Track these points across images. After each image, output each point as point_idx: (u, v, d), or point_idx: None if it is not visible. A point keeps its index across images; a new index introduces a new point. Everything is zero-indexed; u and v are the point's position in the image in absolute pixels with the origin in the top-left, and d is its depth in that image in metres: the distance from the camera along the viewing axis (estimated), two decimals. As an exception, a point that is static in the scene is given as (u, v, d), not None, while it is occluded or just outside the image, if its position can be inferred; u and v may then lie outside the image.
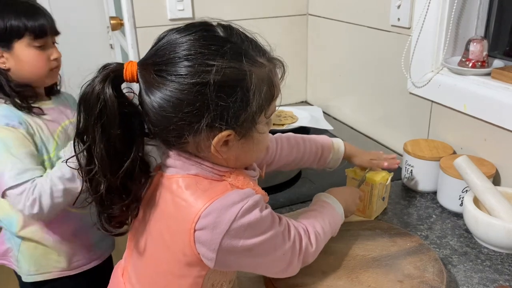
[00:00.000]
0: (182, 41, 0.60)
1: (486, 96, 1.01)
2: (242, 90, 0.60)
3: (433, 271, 0.77)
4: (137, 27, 1.49)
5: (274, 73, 0.66)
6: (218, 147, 0.62)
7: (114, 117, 0.61)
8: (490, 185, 0.91)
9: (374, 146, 1.41)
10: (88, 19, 2.51)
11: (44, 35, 1.01)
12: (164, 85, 0.59)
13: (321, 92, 1.74)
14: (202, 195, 0.62)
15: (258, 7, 1.62)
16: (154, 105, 0.60)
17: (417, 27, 1.16)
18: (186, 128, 0.60)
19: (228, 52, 0.59)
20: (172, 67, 0.59)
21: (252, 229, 0.62)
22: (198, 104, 0.58)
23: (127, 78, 0.62)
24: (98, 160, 0.62)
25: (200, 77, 0.58)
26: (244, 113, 0.61)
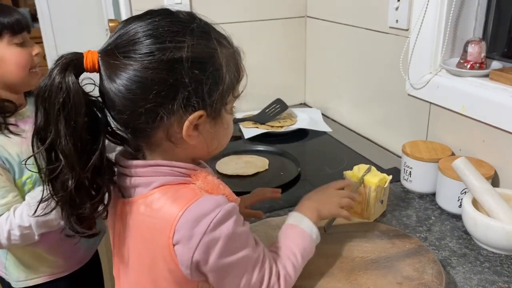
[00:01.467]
0: (146, 23, 0.58)
1: (484, 98, 1.01)
2: (213, 66, 0.59)
3: (432, 273, 0.77)
4: (136, 29, 1.49)
5: (238, 55, 0.66)
6: (190, 131, 0.60)
7: (79, 105, 0.57)
8: (488, 187, 0.91)
9: (373, 148, 1.41)
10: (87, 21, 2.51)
11: (22, 30, 0.98)
12: (131, 65, 0.56)
13: (320, 94, 1.74)
14: (171, 207, 0.59)
15: (257, 9, 1.62)
16: (120, 89, 0.57)
17: (415, 29, 1.17)
18: (158, 109, 0.57)
19: (195, 30, 0.59)
20: (139, 45, 0.56)
21: (223, 243, 0.58)
22: (171, 81, 0.56)
23: (88, 67, 0.59)
24: (65, 155, 0.58)
25: (171, 54, 0.56)
26: (217, 90, 0.60)
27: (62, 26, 2.50)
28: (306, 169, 1.25)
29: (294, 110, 1.66)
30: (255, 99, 1.70)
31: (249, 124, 1.55)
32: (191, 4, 1.52)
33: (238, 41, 1.84)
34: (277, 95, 1.63)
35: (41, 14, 2.49)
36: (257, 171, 1.22)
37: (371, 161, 1.27)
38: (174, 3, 1.48)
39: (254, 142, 1.43)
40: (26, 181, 1.00)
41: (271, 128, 1.52)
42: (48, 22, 2.48)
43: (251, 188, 1.14)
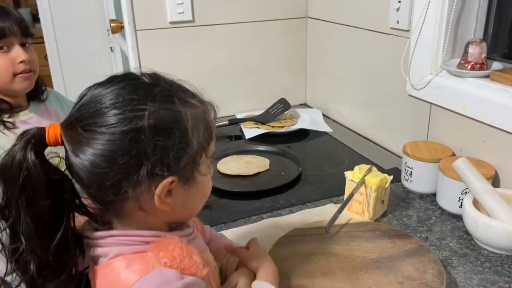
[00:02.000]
0: (107, 92, 0.56)
1: (485, 98, 1.01)
2: (179, 131, 0.56)
3: (433, 273, 0.77)
4: (138, 30, 1.49)
5: (208, 113, 0.62)
6: (163, 197, 0.56)
7: (40, 187, 0.55)
8: (489, 187, 0.91)
9: (373, 148, 1.41)
10: (88, 22, 2.52)
11: (1, 37, 0.95)
12: (93, 139, 0.54)
13: (321, 94, 1.75)
14: (122, 280, 0.55)
15: (257, 10, 1.63)
16: (85, 164, 0.54)
17: (416, 30, 1.17)
18: (123, 181, 0.54)
19: (158, 95, 0.56)
20: (100, 118, 0.54)
21: None
22: (134, 152, 0.53)
23: (51, 142, 0.56)
24: (26, 237, 0.55)
25: (132, 123, 0.53)
26: (185, 155, 0.57)
27: (63, 26, 2.51)
28: (307, 169, 1.25)
29: (296, 110, 1.66)
30: (256, 99, 1.71)
31: (250, 124, 1.55)
32: (192, 6, 1.52)
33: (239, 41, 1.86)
34: (278, 95, 1.63)
35: (43, 14, 2.49)
36: (258, 171, 1.23)
37: (372, 161, 1.27)
38: (176, 3, 1.49)
39: (255, 142, 1.44)
40: None
41: (272, 128, 1.52)
42: (49, 22, 2.48)
43: (252, 188, 1.15)
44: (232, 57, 1.65)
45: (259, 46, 1.68)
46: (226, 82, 1.66)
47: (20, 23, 0.98)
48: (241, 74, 1.68)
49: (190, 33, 1.56)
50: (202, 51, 1.59)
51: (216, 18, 1.58)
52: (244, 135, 1.50)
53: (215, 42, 1.60)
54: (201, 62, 1.60)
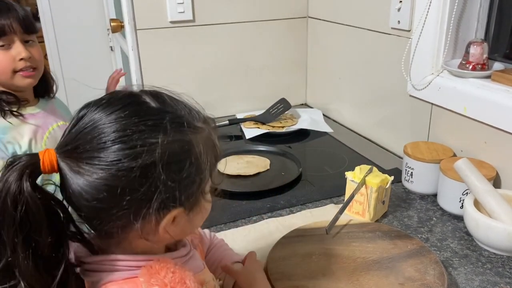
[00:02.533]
0: (110, 120, 0.51)
1: (486, 99, 1.01)
2: (191, 162, 0.53)
3: (434, 274, 0.77)
4: (138, 29, 1.49)
5: (213, 134, 0.58)
6: (167, 228, 0.54)
7: (41, 222, 0.50)
8: (490, 188, 0.91)
9: (374, 148, 1.41)
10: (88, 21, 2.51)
11: (1, 34, 0.95)
12: (96, 173, 0.49)
13: (321, 94, 1.75)
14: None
15: (258, 9, 1.62)
16: (86, 198, 0.50)
17: (417, 30, 1.17)
18: (130, 216, 0.51)
19: (169, 125, 0.52)
20: (103, 152, 0.49)
21: None
22: (144, 189, 0.50)
23: (46, 170, 0.51)
24: (24, 277, 0.50)
25: (143, 159, 0.49)
26: (195, 184, 0.54)
27: (63, 25, 2.50)
28: (307, 169, 1.25)
29: (296, 110, 1.66)
30: (256, 99, 1.71)
31: (250, 124, 1.55)
32: (193, 6, 1.52)
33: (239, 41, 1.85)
34: (278, 95, 1.63)
35: (43, 13, 2.49)
36: (258, 171, 1.22)
37: (372, 161, 1.27)
38: (176, 2, 1.48)
39: (255, 142, 1.43)
40: None
41: (272, 128, 1.52)
42: (49, 21, 2.48)
43: (252, 188, 1.14)
44: (233, 56, 1.65)
45: (259, 46, 1.68)
46: (226, 82, 1.66)
47: (23, 20, 0.98)
48: (241, 74, 1.68)
49: (191, 32, 1.55)
50: (202, 50, 1.59)
51: (216, 18, 1.58)
52: (244, 135, 1.49)
53: (216, 42, 1.60)
54: (202, 62, 1.60)
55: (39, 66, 1.04)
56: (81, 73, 2.47)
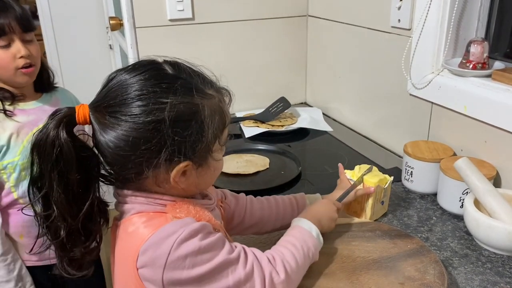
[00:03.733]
0: (133, 82, 0.61)
1: (486, 98, 1.01)
2: (196, 122, 0.62)
3: (434, 273, 0.77)
4: (137, 27, 1.48)
5: (223, 102, 0.68)
6: (177, 179, 0.63)
7: (71, 162, 0.61)
8: (490, 187, 0.91)
9: (374, 148, 1.41)
10: (87, 19, 2.51)
11: (1, 34, 0.98)
12: (119, 125, 0.60)
13: (321, 93, 1.74)
14: (140, 232, 0.62)
15: (258, 8, 1.62)
16: (110, 145, 0.61)
17: (417, 29, 1.16)
18: (144, 164, 0.61)
19: (179, 89, 0.61)
20: (125, 107, 0.60)
21: (193, 258, 0.59)
22: (155, 141, 0.59)
23: (80, 121, 0.63)
24: (57, 206, 0.62)
25: (155, 115, 0.59)
26: (200, 144, 0.63)
27: (62, 23, 2.49)
28: (306, 169, 1.24)
29: (296, 109, 1.65)
30: (255, 97, 1.70)
31: (249, 123, 1.55)
32: (192, 4, 1.51)
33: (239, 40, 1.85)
34: (278, 94, 1.63)
35: (41, 11, 2.48)
36: (258, 170, 1.22)
37: (372, 161, 1.27)
38: (176, 0, 1.48)
39: (255, 141, 1.43)
40: (7, 165, 1.04)
41: (271, 127, 1.51)
42: (48, 19, 2.47)
43: (252, 187, 1.14)
44: (232, 55, 1.64)
45: (259, 45, 1.67)
46: (226, 80, 1.65)
47: (21, 18, 1.00)
48: (241, 72, 1.67)
49: (190, 31, 1.55)
50: (202, 49, 1.58)
51: (216, 16, 1.57)
52: (243, 133, 1.49)
53: (215, 40, 1.60)
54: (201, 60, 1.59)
55: (37, 63, 1.06)
56: (80, 71, 2.47)
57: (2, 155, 1.03)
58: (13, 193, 1.06)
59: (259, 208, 0.87)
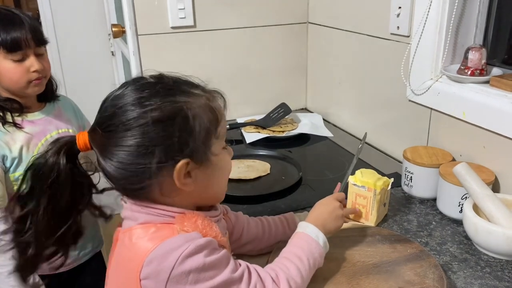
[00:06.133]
0: (119, 95, 0.64)
1: (485, 104, 1.02)
2: (182, 119, 0.63)
3: (433, 278, 0.78)
4: (139, 34, 1.50)
5: (212, 100, 0.68)
6: (182, 180, 0.64)
7: (66, 188, 0.64)
8: (489, 192, 0.92)
9: (374, 153, 1.42)
10: (90, 26, 2.53)
11: (17, 49, 0.99)
12: (115, 138, 0.62)
13: (321, 99, 1.75)
14: (145, 243, 0.62)
15: (258, 15, 1.64)
16: (113, 163, 0.62)
17: (416, 36, 1.18)
18: (145, 172, 0.62)
19: (160, 91, 0.63)
20: (115, 119, 0.62)
21: (196, 274, 0.59)
22: (146, 143, 0.61)
23: (81, 148, 0.65)
24: (37, 225, 0.64)
25: (142, 118, 0.61)
26: (191, 140, 0.63)
27: (65, 30, 2.51)
28: (307, 174, 1.25)
29: (296, 115, 1.67)
30: (256, 103, 1.71)
31: (250, 128, 1.56)
32: (194, 12, 1.53)
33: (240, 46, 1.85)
34: (279, 100, 1.64)
35: (44, 18, 2.50)
36: (259, 175, 1.23)
37: (372, 166, 1.28)
38: (178, 8, 1.50)
39: (256, 147, 1.44)
40: (19, 177, 1.04)
41: (272, 133, 1.53)
42: (51, 26, 2.49)
43: (253, 192, 1.15)
44: (233, 62, 1.66)
45: (260, 51, 1.69)
46: (227, 86, 1.64)
47: (34, 31, 1.01)
48: (242, 78, 1.69)
49: (192, 38, 1.56)
50: (203, 56, 1.60)
51: (217, 24, 1.59)
52: (244, 139, 1.50)
53: (217, 47, 1.61)
54: (203, 67, 1.61)
55: (47, 75, 1.08)
56: (82, 78, 2.48)
57: (14, 167, 1.03)
58: None
59: (255, 226, 0.88)
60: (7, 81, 1.01)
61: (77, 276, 1.21)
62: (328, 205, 0.83)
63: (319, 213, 0.81)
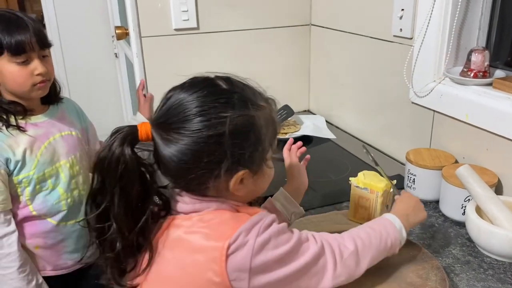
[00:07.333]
0: (192, 99, 0.65)
1: (488, 106, 1.02)
2: (254, 133, 0.66)
3: (435, 280, 0.78)
4: (142, 36, 1.50)
5: (273, 111, 0.72)
6: (236, 186, 0.67)
7: (134, 177, 0.65)
8: (492, 194, 0.92)
9: (377, 155, 1.41)
10: (93, 28, 2.54)
11: (21, 52, 0.99)
12: (182, 140, 0.64)
13: (324, 101, 1.76)
14: (228, 224, 0.66)
15: (261, 17, 1.64)
16: (174, 159, 0.65)
17: (419, 38, 1.18)
18: (206, 175, 0.65)
19: (236, 103, 0.66)
20: (188, 123, 0.64)
21: (275, 239, 0.64)
22: (217, 153, 0.64)
23: (142, 138, 0.67)
24: (116, 219, 0.66)
25: (216, 129, 0.63)
26: (257, 153, 0.67)
27: (68, 32, 2.53)
28: (310, 176, 1.25)
29: (299, 117, 1.67)
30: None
31: (253, 130, 1.56)
32: (197, 14, 1.53)
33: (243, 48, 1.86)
34: (281, 101, 1.63)
35: (48, 20, 2.51)
36: (261, 177, 1.23)
37: (375, 168, 1.27)
38: (181, 10, 1.50)
39: (259, 149, 1.44)
40: (22, 180, 1.05)
41: (275, 135, 1.53)
42: (55, 28, 2.50)
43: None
44: (236, 64, 1.66)
45: (263, 53, 1.69)
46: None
47: (38, 34, 1.01)
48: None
49: (195, 40, 1.57)
50: (206, 58, 1.60)
51: (220, 26, 1.59)
52: (247, 141, 1.50)
53: (220, 49, 1.62)
54: (206, 69, 1.60)
55: (51, 78, 1.08)
56: (85, 79, 2.49)
57: (18, 170, 1.04)
58: (28, 206, 1.08)
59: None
60: (11, 84, 1.01)
61: (81, 278, 1.22)
62: (407, 199, 0.86)
63: (400, 208, 0.84)
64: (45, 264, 1.13)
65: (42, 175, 1.07)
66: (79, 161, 1.15)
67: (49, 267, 1.14)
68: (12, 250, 1.03)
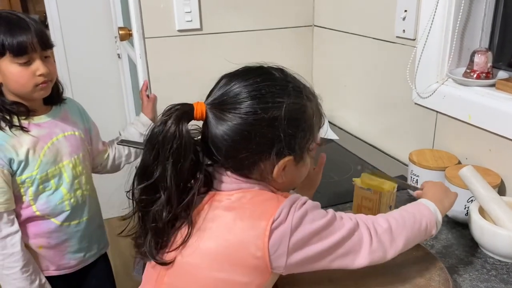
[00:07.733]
0: (248, 83, 0.69)
1: (490, 107, 1.02)
2: (305, 121, 0.70)
3: (439, 280, 0.78)
4: (146, 37, 1.51)
5: (319, 104, 0.76)
6: (279, 173, 0.70)
7: (188, 151, 0.67)
8: (495, 195, 0.92)
9: (380, 156, 1.42)
10: (96, 28, 2.54)
11: (23, 53, 0.99)
12: (236, 120, 0.67)
13: (327, 102, 1.74)
14: (271, 202, 0.69)
15: (264, 18, 1.64)
16: (226, 138, 0.68)
17: (422, 39, 1.18)
18: (256, 156, 0.69)
19: (291, 91, 0.70)
20: (243, 105, 0.67)
21: (311, 213, 0.68)
22: (269, 135, 0.68)
23: (197, 117, 0.69)
24: (167, 191, 0.67)
25: (272, 113, 0.67)
26: (304, 141, 0.71)
27: (71, 32, 2.53)
28: (313, 177, 1.25)
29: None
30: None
31: (256, 131, 1.56)
32: (200, 15, 1.54)
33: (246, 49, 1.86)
34: (284, 102, 1.64)
35: (51, 21, 2.52)
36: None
37: (378, 169, 1.28)
38: (184, 11, 1.51)
39: (262, 149, 1.44)
40: (25, 180, 1.06)
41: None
42: (58, 29, 2.51)
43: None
44: (239, 65, 1.66)
45: (266, 54, 1.69)
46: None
47: (40, 35, 1.02)
48: (247, 81, 1.69)
49: (198, 41, 1.57)
50: (209, 59, 1.61)
51: (223, 27, 1.60)
52: (250, 142, 1.50)
53: (222, 50, 1.62)
54: (209, 70, 1.61)
55: (53, 79, 1.08)
56: (88, 80, 2.49)
57: (21, 170, 1.04)
58: (32, 206, 1.08)
59: None
60: (13, 85, 1.02)
61: (82, 278, 1.22)
62: (434, 185, 0.87)
63: (432, 194, 0.84)
64: (48, 264, 1.13)
65: (45, 175, 1.07)
66: (82, 161, 1.15)
67: (52, 267, 1.14)
68: (16, 250, 1.04)
